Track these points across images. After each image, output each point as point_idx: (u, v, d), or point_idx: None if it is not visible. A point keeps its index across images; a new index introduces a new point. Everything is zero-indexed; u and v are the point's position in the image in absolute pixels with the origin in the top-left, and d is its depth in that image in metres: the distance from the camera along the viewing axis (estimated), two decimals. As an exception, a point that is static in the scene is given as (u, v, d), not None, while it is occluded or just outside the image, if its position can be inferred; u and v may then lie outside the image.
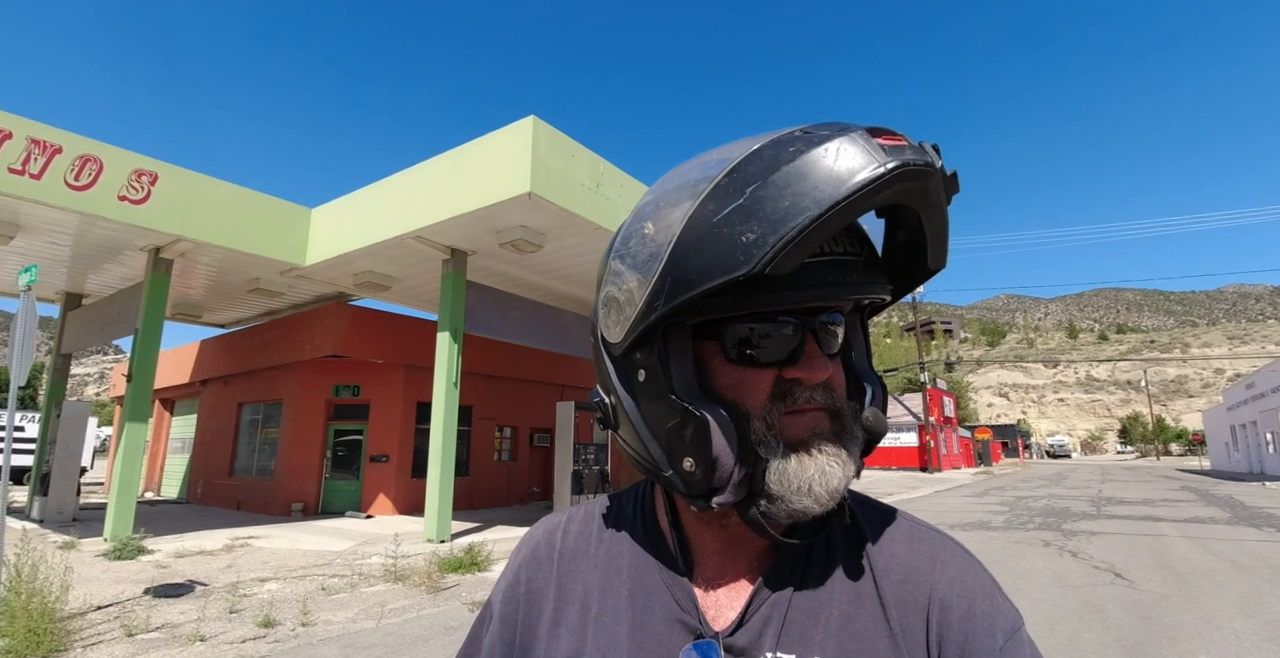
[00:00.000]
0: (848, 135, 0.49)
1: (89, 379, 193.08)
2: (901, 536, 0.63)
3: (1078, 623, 5.30)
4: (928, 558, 0.61)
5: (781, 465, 0.54)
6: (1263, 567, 7.69)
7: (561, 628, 0.64)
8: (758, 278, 0.49)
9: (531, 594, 0.68)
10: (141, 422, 10.32)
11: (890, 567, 0.60)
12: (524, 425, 17.64)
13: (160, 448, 20.15)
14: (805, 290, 0.52)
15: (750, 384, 0.56)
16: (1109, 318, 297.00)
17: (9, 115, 8.66)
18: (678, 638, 0.59)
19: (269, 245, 11.25)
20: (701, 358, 0.57)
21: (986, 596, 0.59)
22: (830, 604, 0.58)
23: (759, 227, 0.48)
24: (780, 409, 0.55)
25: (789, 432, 0.55)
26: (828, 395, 0.57)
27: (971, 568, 0.61)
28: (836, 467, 0.54)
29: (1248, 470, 36.00)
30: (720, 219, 0.50)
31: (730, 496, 0.55)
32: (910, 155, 0.47)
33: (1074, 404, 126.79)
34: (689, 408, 0.54)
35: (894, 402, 41.82)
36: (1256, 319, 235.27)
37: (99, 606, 5.80)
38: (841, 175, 0.47)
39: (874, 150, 0.47)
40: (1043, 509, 14.86)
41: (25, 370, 5.73)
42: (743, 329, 0.55)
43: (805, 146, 0.49)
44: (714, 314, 0.54)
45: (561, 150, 9.34)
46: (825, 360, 0.56)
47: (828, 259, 0.53)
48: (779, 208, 0.47)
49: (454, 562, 7.61)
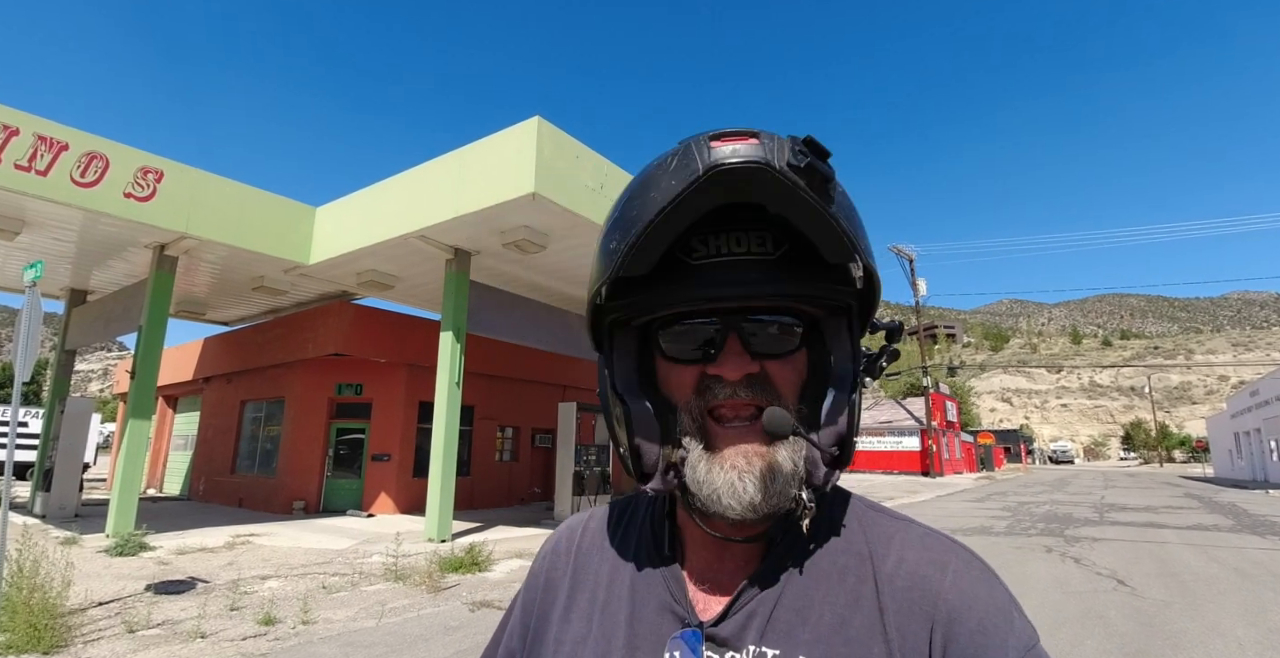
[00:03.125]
0: (689, 142, 0.52)
1: (93, 376, 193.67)
2: (913, 542, 0.62)
3: (1080, 630, 5.28)
4: (938, 566, 0.59)
5: (695, 466, 0.57)
6: (1266, 575, 7.66)
7: (573, 614, 0.68)
8: (664, 276, 0.56)
9: (549, 584, 0.73)
10: (144, 418, 10.34)
11: (897, 573, 0.59)
12: (526, 426, 17.64)
13: (163, 445, 20.20)
14: (697, 288, 0.56)
15: (675, 379, 0.60)
16: (1113, 324, 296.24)
17: (16, 112, 8.70)
18: (668, 626, 0.61)
19: (273, 244, 11.28)
20: (648, 357, 0.63)
21: (1000, 611, 0.57)
22: (823, 606, 0.58)
23: (619, 236, 0.55)
24: (702, 404, 0.58)
25: (713, 435, 0.58)
26: (754, 392, 0.57)
27: (986, 580, 0.59)
28: (749, 481, 0.55)
29: (1251, 478, 35.84)
30: (604, 233, 0.58)
31: (658, 482, 0.59)
32: (731, 158, 0.49)
33: (1077, 410, 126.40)
34: (616, 399, 0.60)
35: (896, 406, 41.75)
36: (1261, 326, 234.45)
37: (100, 602, 5.81)
38: (671, 182, 0.51)
39: (701, 156, 0.50)
40: (1045, 515, 14.81)
41: (30, 366, 5.75)
42: (670, 329, 0.60)
43: (656, 160, 0.54)
44: (643, 313, 0.60)
45: (566, 151, 9.36)
46: (746, 358, 0.57)
47: (726, 259, 0.56)
48: (630, 217, 0.54)
49: (455, 562, 7.61)
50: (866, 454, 38.31)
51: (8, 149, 8.53)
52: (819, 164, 0.50)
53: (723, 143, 0.50)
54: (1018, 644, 0.55)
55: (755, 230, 0.57)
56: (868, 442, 38.67)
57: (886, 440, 38.29)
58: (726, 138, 0.50)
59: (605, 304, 0.60)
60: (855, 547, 0.62)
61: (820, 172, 0.50)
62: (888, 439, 38.28)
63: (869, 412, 40.97)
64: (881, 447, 38.24)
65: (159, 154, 10.07)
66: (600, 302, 0.60)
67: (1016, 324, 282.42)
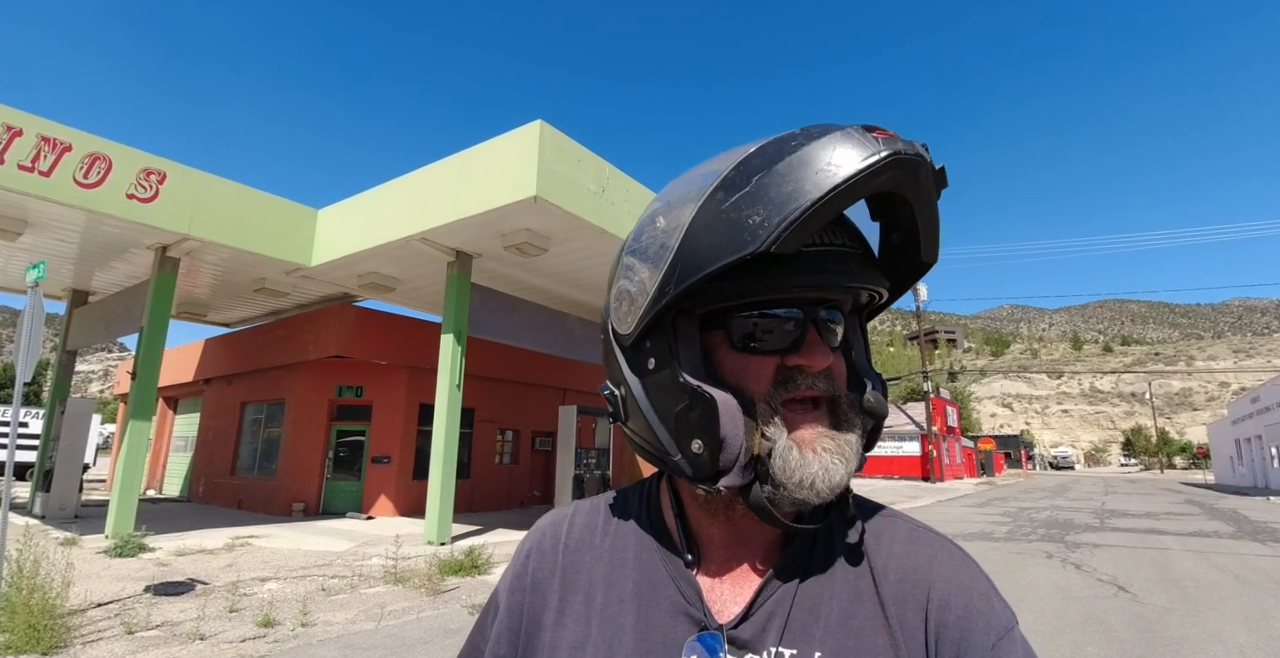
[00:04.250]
0: (844, 130, 0.53)
1: (94, 376, 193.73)
2: (901, 536, 0.64)
3: (1080, 635, 5.27)
4: (926, 558, 0.62)
5: (786, 454, 0.56)
6: (1267, 581, 7.64)
7: (567, 617, 0.66)
8: (762, 261, 0.53)
9: (537, 585, 0.70)
10: (145, 420, 10.35)
11: (889, 566, 0.61)
12: (526, 429, 17.63)
13: (163, 446, 20.19)
14: (808, 276, 0.55)
15: (754, 370, 0.59)
16: (1113, 330, 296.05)
17: (19, 112, 8.72)
18: (682, 629, 0.60)
19: (275, 245, 11.30)
20: (707, 347, 0.60)
21: (982, 595, 0.59)
22: (830, 602, 0.60)
23: (764, 210, 0.51)
24: (782, 394, 0.58)
25: (793, 424, 0.58)
26: (829, 383, 0.59)
27: (968, 568, 0.62)
28: (840, 464, 0.57)
29: (1252, 485, 35.77)
30: (729, 205, 0.53)
31: (737, 478, 0.57)
32: (902, 146, 0.51)
33: (1078, 416, 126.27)
34: (697, 389, 0.56)
35: (896, 410, 41.69)
36: (1262, 333, 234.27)
37: (99, 603, 5.81)
38: (839, 162, 0.50)
39: (869, 141, 0.51)
40: (1045, 521, 14.79)
41: (31, 367, 5.76)
42: (748, 319, 0.58)
43: (805, 140, 0.53)
44: (719, 300, 0.57)
45: (568, 155, 9.38)
46: (826, 349, 0.59)
47: (827, 249, 0.57)
48: (783, 192, 0.51)
49: (454, 564, 7.60)
50: (867, 458, 38.19)
51: (11, 150, 8.56)
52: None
53: (882, 135, 0.52)
54: (998, 625, 0.58)
55: (843, 225, 0.59)
56: (868, 446, 38.56)
57: (887, 445, 38.22)
58: (880, 131, 0.52)
59: (708, 286, 0.55)
60: (851, 542, 0.64)
61: (945, 176, 0.55)
62: (888, 444, 38.21)
63: (869, 416, 40.79)
64: (882, 451, 38.11)
65: (162, 155, 10.09)
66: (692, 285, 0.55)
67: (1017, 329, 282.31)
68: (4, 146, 8.50)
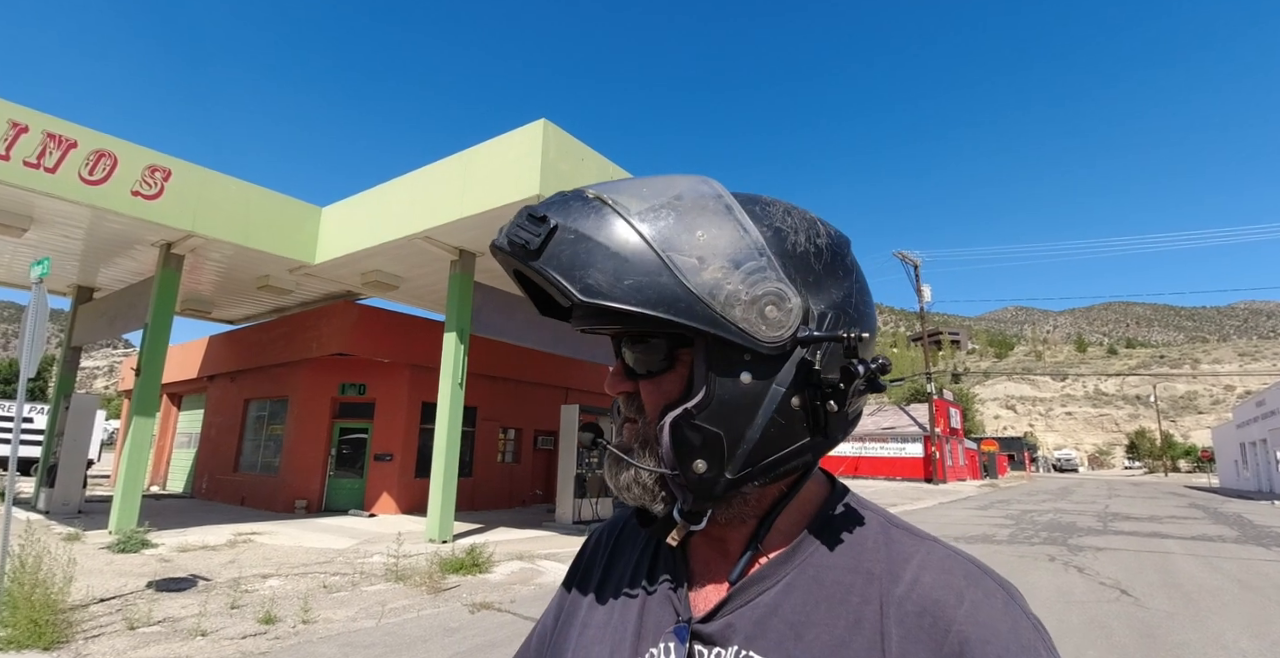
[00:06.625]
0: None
1: (98, 372, 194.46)
2: (932, 564, 0.57)
3: (1082, 640, 5.25)
4: (955, 593, 0.54)
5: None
6: (1270, 587, 7.60)
7: (602, 599, 0.72)
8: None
9: (587, 569, 0.79)
10: (149, 416, 10.38)
11: (909, 596, 0.55)
12: (528, 428, 17.63)
13: (166, 442, 20.26)
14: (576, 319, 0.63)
15: None
16: (1118, 332, 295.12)
17: (25, 109, 8.75)
18: (668, 618, 0.64)
19: (279, 243, 11.32)
20: None
21: (1026, 649, 0.50)
22: (822, 627, 0.55)
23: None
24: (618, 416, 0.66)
25: None
26: (628, 407, 0.64)
27: (1009, 614, 0.53)
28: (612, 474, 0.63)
29: (1256, 489, 35.60)
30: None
31: None
32: (500, 237, 0.58)
33: (1082, 418, 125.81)
34: None
35: (899, 412, 41.61)
36: (1268, 336, 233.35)
37: (101, 598, 5.83)
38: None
39: (502, 229, 0.59)
40: (1048, 524, 14.74)
41: (35, 362, 5.78)
42: None
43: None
44: None
45: (571, 154, 9.37)
46: (619, 378, 0.64)
47: None
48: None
49: (455, 562, 7.61)
50: (869, 460, 38.20)
51: (17, 146, 8.59)
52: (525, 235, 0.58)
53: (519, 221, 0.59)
54: None
55: None
56: (871, 448, 38.58)
57: (889, 447, 38.15)
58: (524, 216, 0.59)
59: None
60: (866, 566, 0.58)
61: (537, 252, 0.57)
62: (891, 446, 38.14)
63: (872, 418, 40.88)
64: (884, 453, 38.10)
65: (167, 153, 10.11)
66: None
67: (1021, 331, 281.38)
68: (10, 143, 8.53)
